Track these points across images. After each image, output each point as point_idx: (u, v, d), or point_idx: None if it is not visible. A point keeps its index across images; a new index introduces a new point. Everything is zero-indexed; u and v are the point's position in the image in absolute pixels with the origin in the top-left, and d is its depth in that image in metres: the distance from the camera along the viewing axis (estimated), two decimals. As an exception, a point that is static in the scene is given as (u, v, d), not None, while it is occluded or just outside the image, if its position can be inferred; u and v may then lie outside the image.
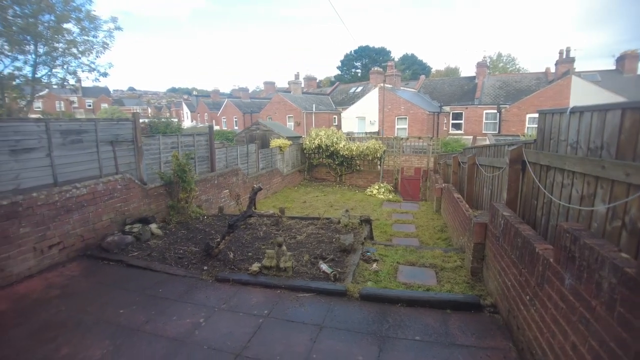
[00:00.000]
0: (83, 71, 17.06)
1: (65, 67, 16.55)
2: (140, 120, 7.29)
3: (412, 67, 57.11)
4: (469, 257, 4.59)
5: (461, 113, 27.47)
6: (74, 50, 16.13)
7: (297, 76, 39.18)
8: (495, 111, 25.61)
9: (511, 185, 4.02)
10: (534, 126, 22.02)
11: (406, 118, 25.26)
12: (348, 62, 60.03)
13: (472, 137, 23.67)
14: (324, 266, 4.74)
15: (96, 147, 6.16)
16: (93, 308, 3.97)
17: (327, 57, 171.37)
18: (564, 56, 26.14)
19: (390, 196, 14.69)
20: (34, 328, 3.56)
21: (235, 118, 42.60)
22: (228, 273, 4.78)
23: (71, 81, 17.59)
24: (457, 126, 27.74)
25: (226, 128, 42.40)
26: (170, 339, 3.38)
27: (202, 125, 43.50)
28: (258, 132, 17.94)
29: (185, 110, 58.28)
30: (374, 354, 3.12)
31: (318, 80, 49.55)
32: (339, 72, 60.26)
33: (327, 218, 7.31)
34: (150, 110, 62.30)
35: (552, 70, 27.96)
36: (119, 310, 3.93)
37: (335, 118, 33.74)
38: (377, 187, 15.50)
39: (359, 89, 36.12)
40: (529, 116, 23.02)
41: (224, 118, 44.60)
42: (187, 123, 49.49)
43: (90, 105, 63.39)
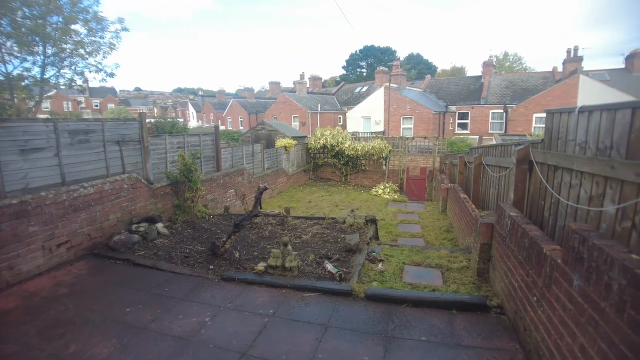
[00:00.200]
0: (90, 72, 17.20)
1: (72, 68, 16.71)
2: (146, 120, 7.34)
3: (418, 67, 56.95)
4: (475, 258, 4.56)
5: (467, 113, 27.31)
6: (82, 51, 16.27)
7: (302, 76, 39.27)
8: (501, 111, 25.41)
9: (518, 185, 3.99)
10: (541, 126, 21.83)
11: (412, 118, 25.18)
12: (353, 62, 60.00)
13: (478, 137, 23.55)
14: (330, 266, 4.74)
15: (103, 147, 6.22)
16: (100, 306, 4.01)
17: (332, 57, 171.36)
18: (572, 55, 25.82)
19: (395, 196, 14.64)
20: (43, 325, 3.61)
21: (240, 118, 42.76)
22: (234, 272, 4.79)
23: (78, 82, 17.75)
24: (463, 126, 27.58)
25: (232, 128, 42.58)
26: (176, 338, 3.40)
27: (208, 125, 43.71)
28: (263, 132, 17.99)
29: (191, 110, 58.60)
30: (380, 354, 3.11)
31: (323, 80, 49.60)
32: (344, 72, 60.27)
33: (333, 218, 7.31)
34: (156, 110, 62.61)
35: (560, 69, 27.67)
36: (126, 308, 3.96)
37: (340, 118, 33.73)
38: (383, 187, 15.45)
39: (365, 89, 36.06)
40: (536, 116, 22.81)
41: (230, 118, 44.78)
42: (193, 123, 49.75)
43: (97, 105, 64.02)
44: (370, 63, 57.50)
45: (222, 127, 40.58)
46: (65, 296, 4.24)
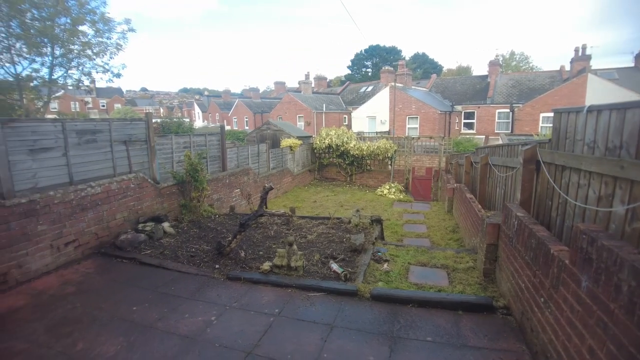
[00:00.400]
0: (97, 72, 17.44)
1: (80, 69, 16.96)
2: (152, 120, 7.40)
3: (423, 66, 56.68)
4: (482, 258, 4.53)
5: (473, 112, 27.12)
6: (89, 51, 16.49)
7: (308, 76, 39.27)
8: (508, 110, 25.21)
9: (525, 185, 3.95)
10: (548, 125, 21.62)
11: (417, 117, 25.06)
12: (358, 62, 59.88)
13: (485, 137, 23.39)
14: (335, 266, 4.73)
15: (110, 147, 6.27)
16: (107, 305, 4.04)
17: (338, 57, 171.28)
18: (580, 53, 25.53)
19: (401, 196, 14.59)
20: (51, 323, 3.65)
21: (246, 118, 42.89)
22: (239, 271, 4.81)
23: (86, 82, 17.99)
24: (469, 125, 27.40)
25: (237, 128, 42.71)
26: (182, 337, 3.42)
27: (214, 125, 43.91)
28: (269, 132, 18.03)
29: (196, 110, 58.88)
30: (385, 354, 3.11)
31: (328, 79, 49.54)
32: (350, 72, 60.16)
33: (338, 218, 7.30)
34: (162, 110, 63.09)
35: (567, 68, 27.36)
36: (132, 307, 3.99)
37: (345, 118, 33.68)
38: (388, 187, 15.41)
39: (370, 89, 35.97)
40: (543, 115, 22.59)
41: (235, 118, 44.93)
42: (199, 123, 49.99)
43: (104, 105, 64.66)
44: (375, 63, 57.33)
45: (228, 127, 40.76)
46: (73, 294, 4.29)
